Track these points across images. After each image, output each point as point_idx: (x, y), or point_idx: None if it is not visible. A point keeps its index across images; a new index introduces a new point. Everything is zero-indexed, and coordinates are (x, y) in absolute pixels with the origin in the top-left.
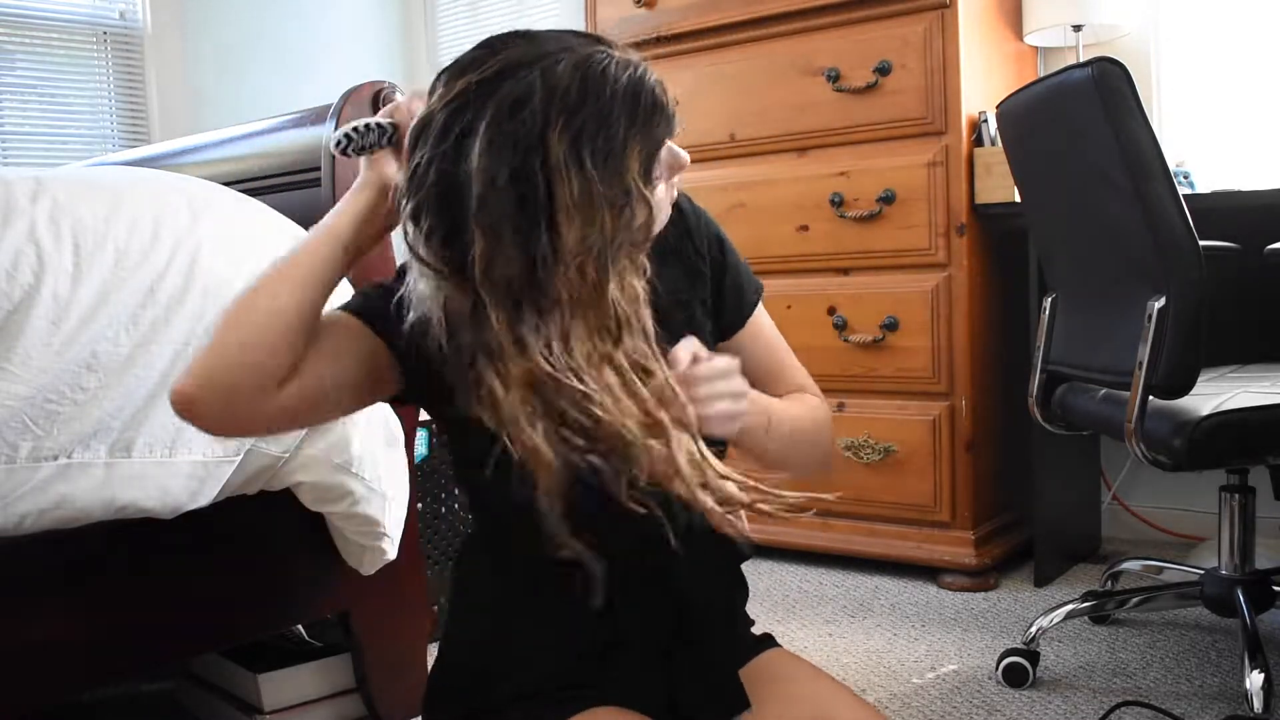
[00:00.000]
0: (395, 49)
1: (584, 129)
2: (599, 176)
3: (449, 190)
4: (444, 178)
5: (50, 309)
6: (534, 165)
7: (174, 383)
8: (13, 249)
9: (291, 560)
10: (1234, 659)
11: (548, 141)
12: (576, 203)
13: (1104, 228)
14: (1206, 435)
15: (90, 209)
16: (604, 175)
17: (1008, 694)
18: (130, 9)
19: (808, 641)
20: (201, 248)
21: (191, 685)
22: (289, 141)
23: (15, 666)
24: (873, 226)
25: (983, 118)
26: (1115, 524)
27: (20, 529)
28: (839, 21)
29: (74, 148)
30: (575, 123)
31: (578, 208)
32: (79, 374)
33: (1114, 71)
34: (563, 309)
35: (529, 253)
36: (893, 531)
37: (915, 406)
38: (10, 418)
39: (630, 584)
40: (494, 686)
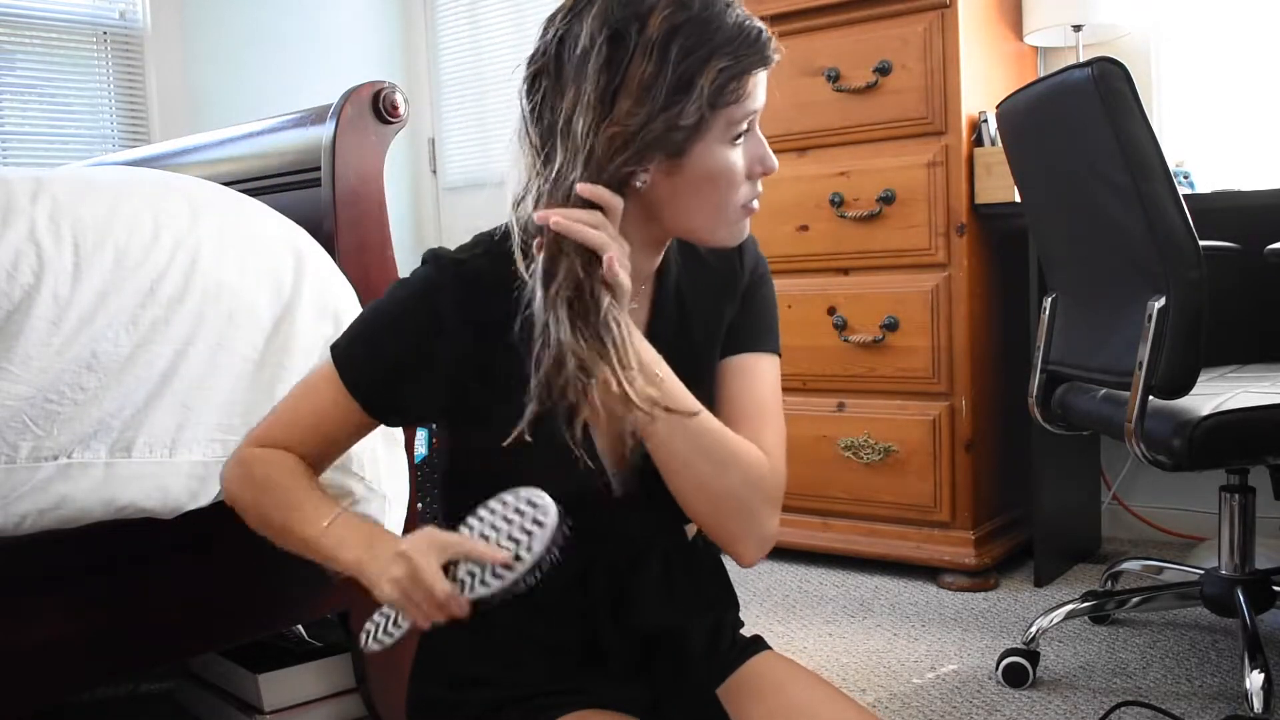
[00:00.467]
0: (395, 49)
1: (685, 22)
2: (673, 68)
3: (562, 49)
4: (562, 40)
5: (50, 309)
6: (631, 34)
7: (230, 475)
8: (13, 249)
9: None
10: (1234, 659)
11: (650, 19)
12: (644, 81)
13: (1104, 228)
14: (1206, 435)
15: (90, 209)
16: (678, 69)
17: (1008, 694)
18: (130, 9)
19: (808, 641)
20: (201, 248)
21: (191, 685)
22: (289, 141)
23: (15, 666)
24: (873, 226)
25: (983, 118)
26: (1115, 524)
27: (20, 529)
28: (839, 21)
29: (74, 148)
30: (680, 14)
31: (642, 85)
32: (79, 374)
33: (1114, 71)
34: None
35: (593, 105)
36: (893, 531)
37: (915, 406)
38: (10, 418)
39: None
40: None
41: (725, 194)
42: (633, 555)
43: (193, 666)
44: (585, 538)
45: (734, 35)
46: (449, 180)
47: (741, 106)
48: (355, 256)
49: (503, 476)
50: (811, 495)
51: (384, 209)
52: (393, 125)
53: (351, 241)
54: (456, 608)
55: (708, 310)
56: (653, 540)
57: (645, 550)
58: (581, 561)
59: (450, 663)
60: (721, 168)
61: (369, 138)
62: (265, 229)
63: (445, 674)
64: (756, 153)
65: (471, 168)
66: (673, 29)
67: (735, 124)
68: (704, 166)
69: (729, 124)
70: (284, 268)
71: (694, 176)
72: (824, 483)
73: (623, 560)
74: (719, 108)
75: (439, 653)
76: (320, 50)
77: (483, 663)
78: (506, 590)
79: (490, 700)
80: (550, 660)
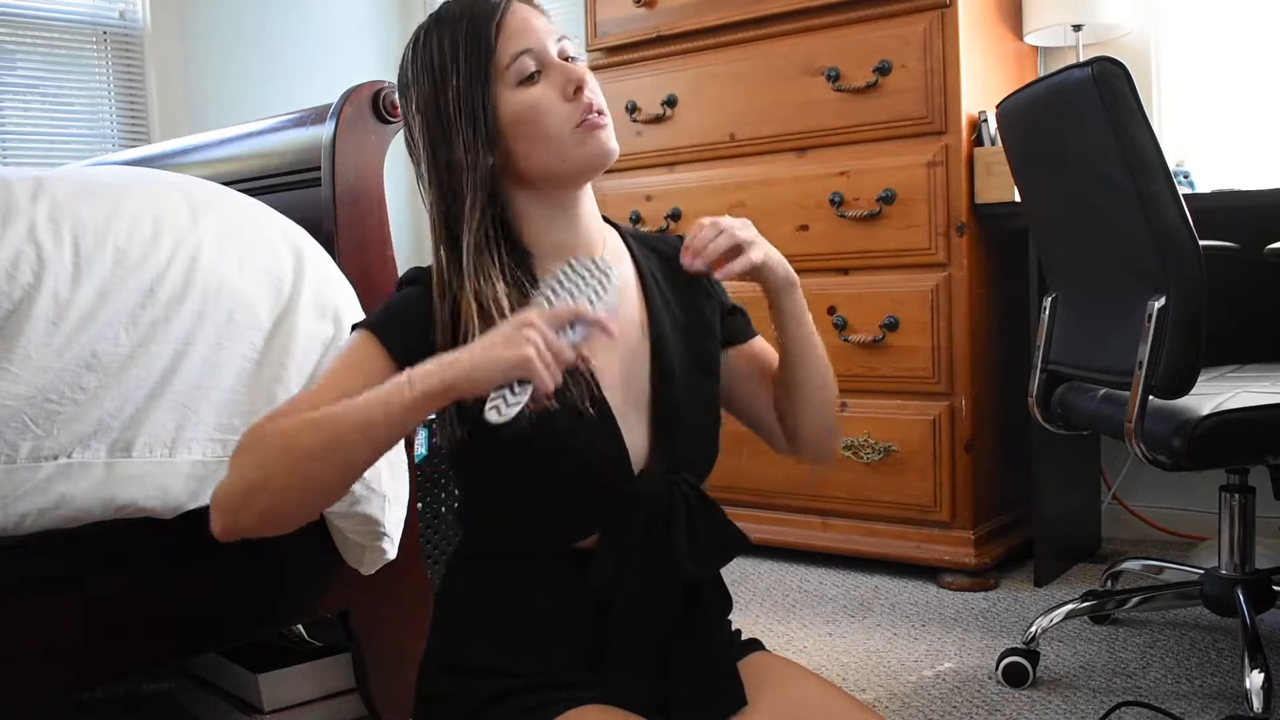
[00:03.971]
0: (395, 49)
1: (424, 39)
2: (431, 63)
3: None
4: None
5: (50, 309)
6: (408, 85)
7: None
8: (13, 249)
9: (291, 560)
10: (1234, 659)
11: (409, 67)
12: (425, 100)
13: (1104, 228)
14: (1206, 435)
15: (90, 209)
16: (435, 62)
17: (1008, 694)
18: (130, 9)
19: (808, 641)
20: (201, 248)
21: (191, 685)
22: (289, 141)
23: (15, 666)
24: (873, 226)
25: (983, 117)
26: (1115, 524)
27: (20, 529)
28: (839, 21)
29: (74, 148)
30: (420, 41)
31: (425, 104)
32: (79, 374)
33: (1114, 71)
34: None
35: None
36: (893, 531)
37: (915, 406)
38: (10, 418)
39: (634, 576)
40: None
41: (544, 123)
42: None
43: (193, 666)
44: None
45: (460, 11)
46: None
47: (500, 54)
48: (355, 256)
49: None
50: (811, 495)
51: (384, 209)
52: (393, 125)
53: (351, 241)
54: (574, 358)
55: (683, 295)
56: (673, 494)
57: (671, 504)
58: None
59: (457, 653)
60: (523, 106)
61: (369, 137)
62: (265, 229)
63: (452, 664)
64: (558, 79)
65: None
66: (415, 49)
67: (510, 70)
68: (509, 115)
69: (505, 72)
70: (284, 267)
71: (510, 129)
72: (824, 482)
73: (656, 516)
74: (484, 70)
75: (447, 644)
76: (320, 50)
77: (490, 653)
78: (586, 340)
79: (496, 689)
80: (559, 653)
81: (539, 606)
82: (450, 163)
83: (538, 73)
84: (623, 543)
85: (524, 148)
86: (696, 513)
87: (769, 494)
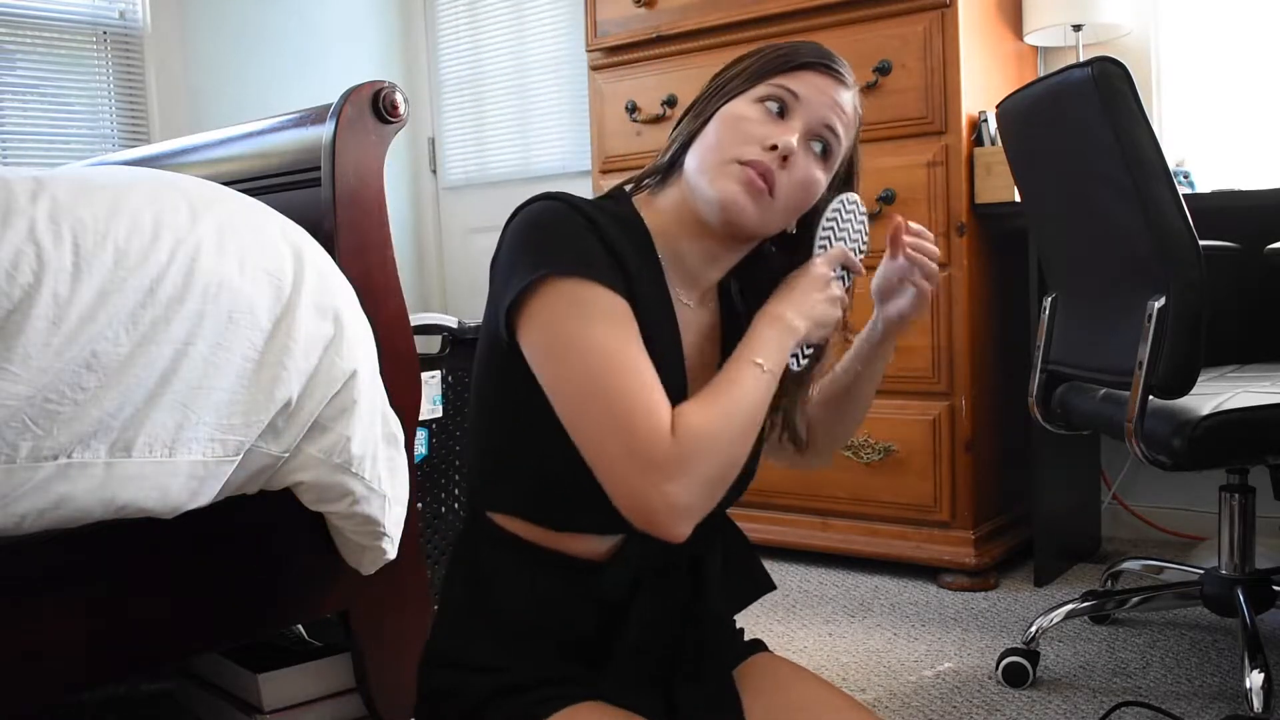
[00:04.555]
0: (395, 49)
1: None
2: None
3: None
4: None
5: (50, 309)
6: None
7: (689, 521)
8: (13, 249)
9: (291, 560)
10: (1234, 659)
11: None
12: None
13: (1104, 228)
14: (1206, 435)
15: (90, 209)
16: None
17: (1008, 694)
18: (130, 9)
19: (808, 641)
20: (201, 248)
21: (191, 685)
22: (289, 141)
23: (15, 666)
24: (873, 226)
25: (983, 117)
26: (1115, 524)
27: (20, 529)
28: (839, 21)
29: (74, 148)
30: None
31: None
32: (79, 374)
33: (1114, 71)
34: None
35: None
36: (893, 531)
37: (915, 406)
38: (10, 418)
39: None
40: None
41: (729, 136)
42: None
43: (193, 666)
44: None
45: (792, 49)
46: (449, 180)
47: (777, 81)
48: (355, 256)
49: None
50: (811, 495)
51: (384, 209)
52: (393, 125)
53: (351, 241)
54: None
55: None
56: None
57: (709, 540)
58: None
59: (459, 649)
60: (736, 113)
61: (369, 137)
62: (265, 229)
63: (453, 659)
64: (778, 130)
65: (471, 168)
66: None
67: (767, 89)
68: (723, 113)
69: (761, 89)
70: (284, 267)
71: (714, 122)
72: (824, 483)
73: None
74: (759, 75)
75: (448, 639)
76: (320, 50)
77: (491, 650)
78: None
79: (495, 686)
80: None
81: (542, 605)
82: (692, 105)
83: (777, 113)
84: (643, 557)
85: (703, 141)
86: (733, 549)
87: (769, 494)
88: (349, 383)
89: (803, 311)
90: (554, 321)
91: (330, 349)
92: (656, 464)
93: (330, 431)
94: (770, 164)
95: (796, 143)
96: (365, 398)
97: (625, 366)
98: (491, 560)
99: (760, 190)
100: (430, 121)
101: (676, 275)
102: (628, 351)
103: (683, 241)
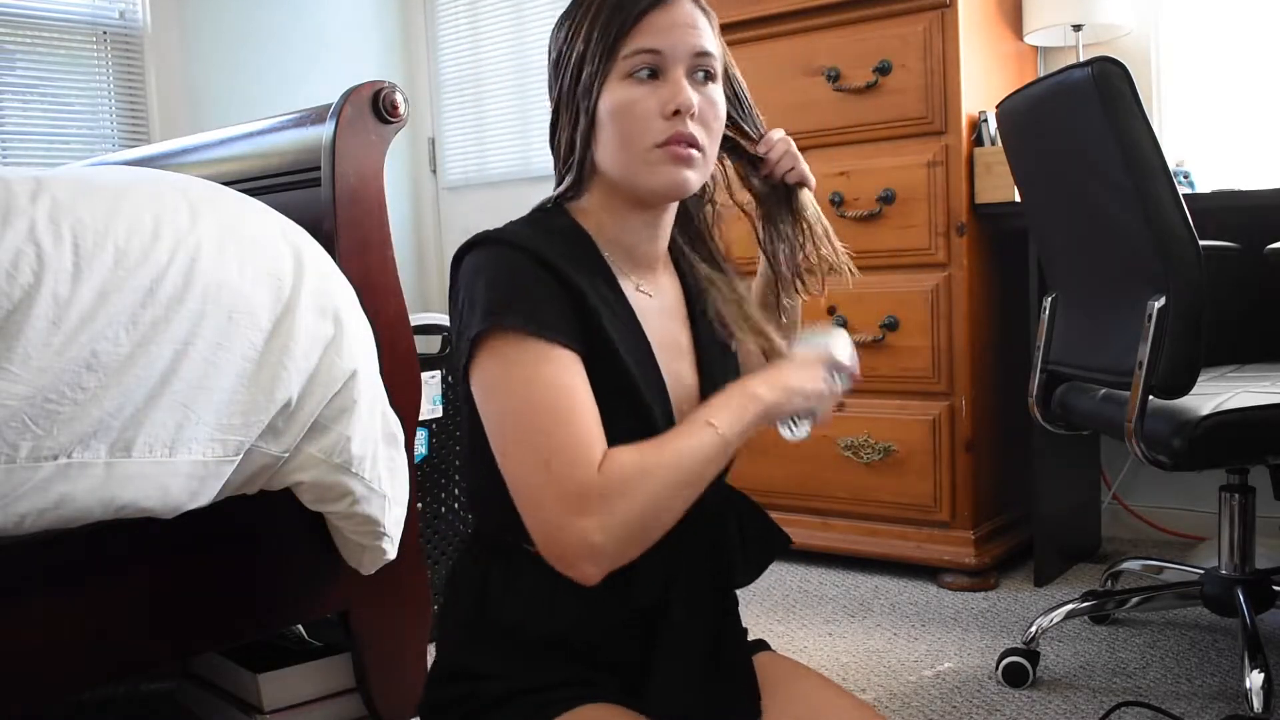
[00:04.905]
0: (395, 49)
1: (580, 4)
2: (571, 34)
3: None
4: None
5: (50, 309)
6: (560, 27)
7: (603, 565)
8: (13, 249)
9: (291, 560)
10: (1234, 659)
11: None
12: (562, 52)
13: (1104, 228)
14: (1206, 435)
15: (90, 209)
16: (575, 33)
17: (1008, 694)
18: (130, 9)
19: (808, 641)
20: (201, 248)
21: (191, 685)
22: (289, 141)
23: (15, 666)
24: (873, 226)
25: (983, 117)
26: (1115, 524)
27: (20, 529)
28: (839, 21)
29: (74, 148)
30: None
31: (562, 57)
32: (79, 374)
33: (1114, 71)
34: None
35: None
36: (893, 531)
37: (915, 406)
38: (10, 418)
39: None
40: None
41: (630, 128)
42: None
43: (193, 666)
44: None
45: (615, 4)
46: (449, 180)
47: (629, 43)
48: (355, 256)
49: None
50: (811, 495)
51: (384, 209)
52: (393, 125)
53: (351, 241)
54: (841, 399)
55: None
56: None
57: (721, 508)
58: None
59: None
60: (620, 102)
61: (369, 137)
62: (265, 229)
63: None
64: (667, 93)
65: (471, 168)
66: (572, 9)
67: (628, 61)
68: (607, 106)
69: (622, 65)
70: (284, 268)
71: (604, 119)
72: (824, 482)
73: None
74: (610, 48)
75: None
76: (320, 50)
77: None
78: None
79: (500, 692)
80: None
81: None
82: (557, 114)
83: (653, 76)
84: (673, 555)
85: (607, 142)
86: (745, 517)
87: (769, 494)
88: (349, 383)
89: (773, 383)
90: (492, 371)
91: (330, 349)
92: (576, 501)
93: (330, 431)
94: (683, 128)
95: (691, 94)
96: (365, 398)
97: (555, 406)
98: (502, 576)
99: (690, 157)
100: (430, 121)
101: (629, 266)
102: (560, 394)
103: (624, 231)
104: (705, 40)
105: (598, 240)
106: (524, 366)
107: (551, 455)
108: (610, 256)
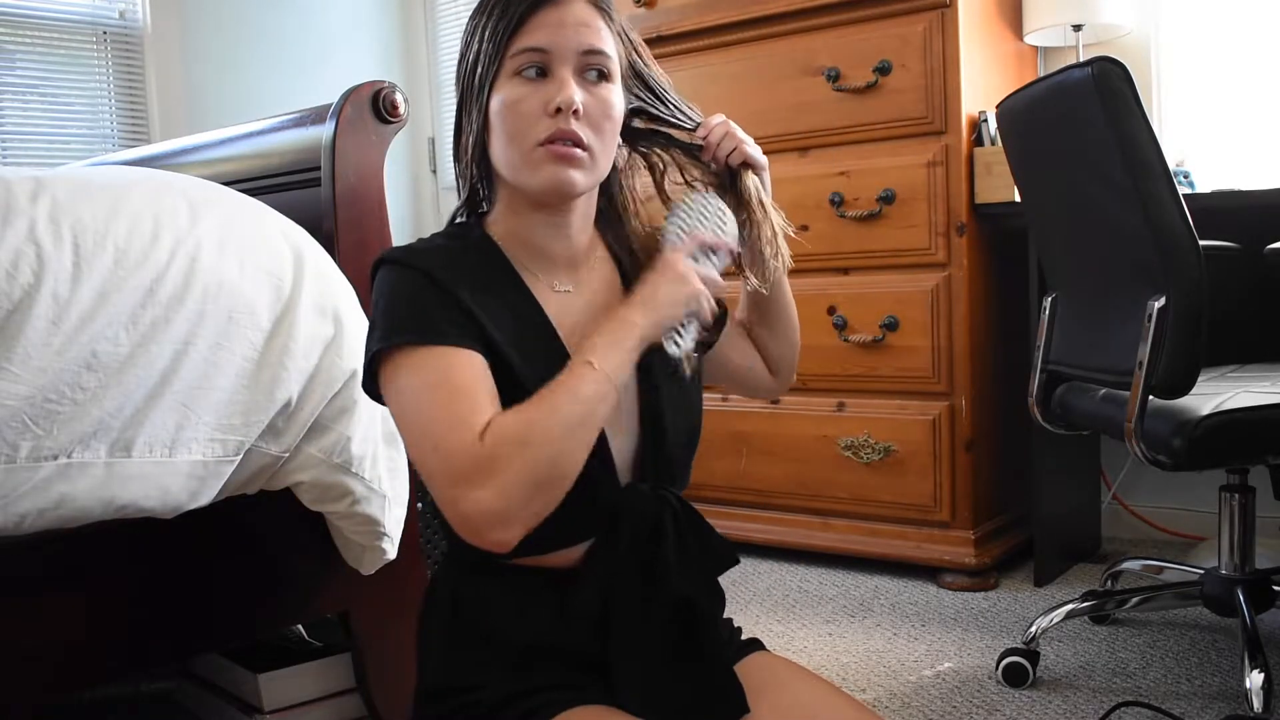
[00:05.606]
0: (395, 49)
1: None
2: (467, 36)
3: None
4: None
5: (50, 309)
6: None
7: (506, 531)
8: (13, 249)
9: (291, 560)
10: (1234, 659)
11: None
12: (462, 54)
13: (1104, 228)
14: (1206, 435)
15: (90, 209)
16: (470, 35)
17: (1008, 694)
18: (130, 9)
19: (808, 641)
20: (201, 248)
21: (191, 685)
22: (289, 141)
23: (15, 666)
24: (873, 226)
25: (983, 117)
26: (1115, 524)
27: (20, 529)
28: (839, 21)
29: (74, 148)
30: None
31: (462, 58)
32: (79, 374)
33: (1114, 71)
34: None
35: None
36: (893, 531)
37: (915, 406)
38: (10, 417)
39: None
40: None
41: (514, 126)
42: (651, 526)
43: (193, 666)
44: (601, 517)
45: (504, 4)
46: (449, 180)
47: (517, 41)
48: (355, 256)
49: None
50: (811, 495)
51: (384, 209)
52: (393, 125)
53: (351, 241)
54: (724, 285)
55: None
56: (662, 509)
57: (659, 520)
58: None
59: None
60: (506, 100)
61: (369, 137)
62: (265, 229)
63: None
64: (552, 91)
65: None
66: (476, 10)
67: (515, 60)
68: (495, 106)
69: (509, 64)
70: (284, 267)
71: (494, 119)
72: (824, 482)
73: (643, 532)
74: (500, 47)
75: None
76: (320, 50)
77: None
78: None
79: (494, 699)
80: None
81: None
82: (459, 116)
83: (541, 75)
84: (608, 563)
85: (496, 142)
86: (685, 527)
87: (769, 494)
88: (349, 383)
89: (644, 302)
90: (393, 384)
91: (330, 349)
92: (464, 472)
93: (330, 431)
94: (565, 125)
95: (574, 92)
96: (365, 398)
97: (438, 395)
98: (473, 588)
99: (573, 155)
100: (430, 121)
101: (542, 266)
102: (443, 384)
103: (531, 233)
104: (597, 39)
105: (505, 247)
106: (415, 372)
107: (439, 439)
108: (521, 260)
